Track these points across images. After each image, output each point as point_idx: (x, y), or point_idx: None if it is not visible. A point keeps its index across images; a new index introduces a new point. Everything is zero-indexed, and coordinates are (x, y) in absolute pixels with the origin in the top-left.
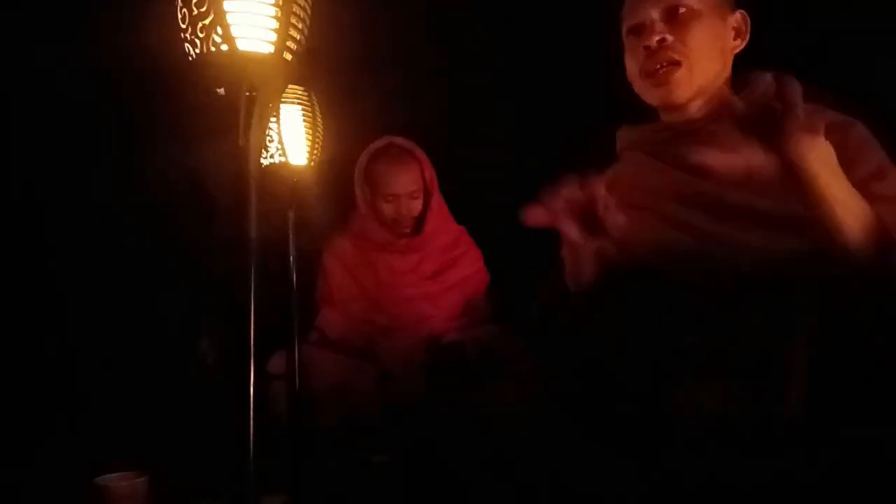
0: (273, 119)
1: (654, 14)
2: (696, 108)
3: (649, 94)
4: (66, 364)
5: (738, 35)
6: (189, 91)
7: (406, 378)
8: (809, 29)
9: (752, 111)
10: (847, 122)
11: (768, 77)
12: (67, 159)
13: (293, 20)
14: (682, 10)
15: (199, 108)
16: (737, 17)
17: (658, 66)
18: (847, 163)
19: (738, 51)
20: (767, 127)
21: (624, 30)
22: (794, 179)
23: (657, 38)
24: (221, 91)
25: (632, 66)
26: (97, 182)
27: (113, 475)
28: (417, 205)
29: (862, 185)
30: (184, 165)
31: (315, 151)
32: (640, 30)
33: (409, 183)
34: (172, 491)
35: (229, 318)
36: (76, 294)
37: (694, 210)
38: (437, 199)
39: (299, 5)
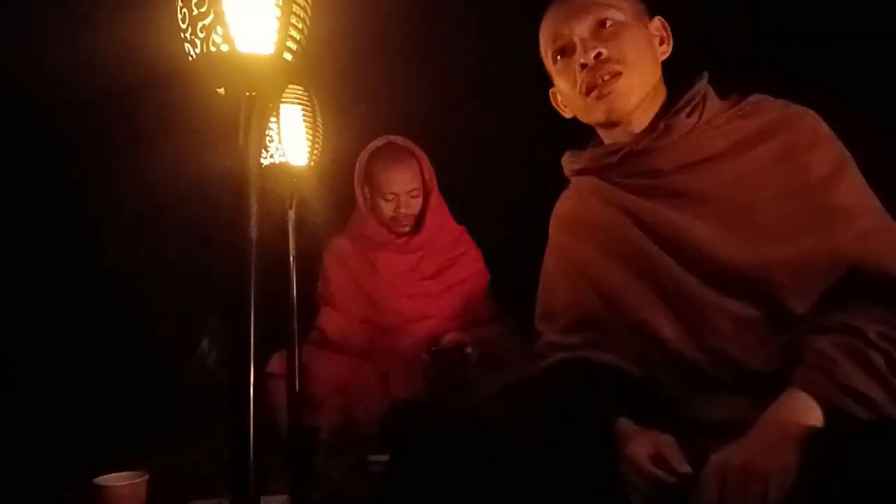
0: (273, 119)
1: (583, 31)
2: (637, 122)
3: (593, 111)
4: (66, 364)
5: (662, 41)
6: (189, 91)
7: (406, 378)
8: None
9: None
10: (797, 112)
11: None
12: (67, 159)
13: (293, 20)
14: (608, 23)
15: (198, 108)
16: (656, 24)
17: (599, 80)
18: (800, 164)
19: (665, 57)
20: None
21: (549, 54)
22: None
23: (593, 53)
24: (221, 91)
25: (566, 87)
26: (97, 182)
27: (113, 475)
28: (417, 203)
29: (819, 192)
30: (183, 165)
31: (315, 151)
32: (570, 50)
33: (408, 181)
34: (172, 491)
35: (229, 318)
36: (76, 294)
37: (651, 239)
38: (437, 198)
39: (299, 5)
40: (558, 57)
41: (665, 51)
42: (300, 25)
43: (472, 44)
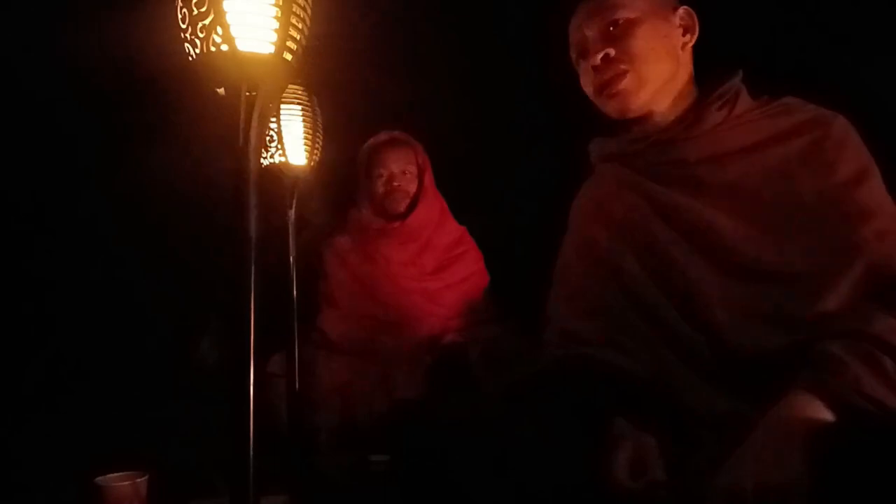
0: (273, 119)
1: (593, 34)
2: (662, 112)
3: (607, 108)
4: (66, 364)
5: (686, 31)
6: (189, 91)
7: (407, 378)
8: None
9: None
10: (827, 116)
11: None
12: (66, 159)
13: (293, 20)
14: (619, 21)
15: (199, 108)
16: (681, 13)
17: (607, 80)
18: (827, 163)
19: (689, 45)
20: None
21: (573, 56)
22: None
23: (600, 55)
24: (221, 91)
25: (587, 86)
26: (96, 182)
27: (113, 475)
28: (411, 181)
29: (843, 190)
30: (184, 165)
31: (315, 151)
32: (585, 52)
33: (402, 161)
34: (172, 491)
35: (229, 318)
36: (76, 294)
37: (672, 229)
38: (431, 184)
39: (299, 5)
40: (580, 60)
41: (689, 40)
42: (300, 25)
43: (476, 43)
